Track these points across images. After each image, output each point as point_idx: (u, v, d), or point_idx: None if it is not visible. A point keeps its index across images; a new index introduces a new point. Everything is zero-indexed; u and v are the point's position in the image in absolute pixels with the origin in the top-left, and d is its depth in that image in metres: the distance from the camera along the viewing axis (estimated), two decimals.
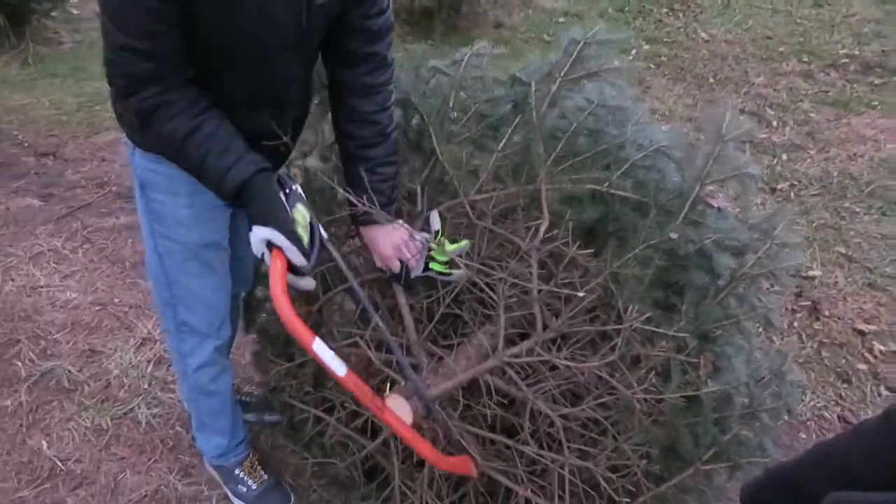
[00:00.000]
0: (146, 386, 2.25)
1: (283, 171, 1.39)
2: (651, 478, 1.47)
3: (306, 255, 1.18)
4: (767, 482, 1.58)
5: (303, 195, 1.27)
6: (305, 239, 1.19)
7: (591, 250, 1.42)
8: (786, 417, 1.59)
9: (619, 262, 1.38)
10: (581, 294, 1.37)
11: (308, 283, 1.23)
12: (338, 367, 1.16)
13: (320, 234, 1.26)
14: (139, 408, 2.16)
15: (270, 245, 1.17)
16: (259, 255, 1.19)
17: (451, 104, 1.50)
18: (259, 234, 1.16)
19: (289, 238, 1.16)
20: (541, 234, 1.40)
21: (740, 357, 1.54)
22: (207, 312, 1.56)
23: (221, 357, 1.66)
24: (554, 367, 1.41)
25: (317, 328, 1.57)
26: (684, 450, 1.46)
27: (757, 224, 1.58)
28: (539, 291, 1.37)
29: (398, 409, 1.28)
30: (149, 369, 2.31)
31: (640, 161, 1.52)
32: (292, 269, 1.18)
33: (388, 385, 1.41)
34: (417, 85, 1.59)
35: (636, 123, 1.58)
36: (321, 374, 1.61)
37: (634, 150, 1.53)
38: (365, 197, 1.38)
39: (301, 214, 1.21)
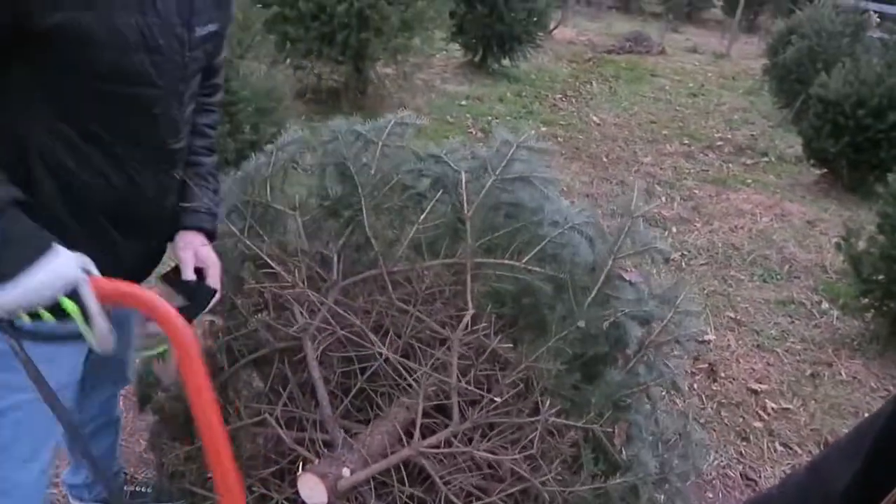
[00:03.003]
0: None
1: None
2: None
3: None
4: None
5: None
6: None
7: (511, 345, 1.44)
8: (693, 478, 1.62)
9: (533, 355, 1.41)
10: (495, 398, 1.38)
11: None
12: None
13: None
14: None
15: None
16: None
17: (372, 171, 1.51)
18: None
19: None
20: (464, 324, 1.42)
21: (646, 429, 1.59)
22: None
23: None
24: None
25: (220, 404, 1.48)
26: None
27: (660, 294, 1.66)
28: (458, 381, 1.37)
29: (311, 489, 1.22)
30: None
31: (556, 238, 1.58)
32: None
33: (301, 464, 1.34)
34: (356, 155, 1.57)
35: (551, 201, 1.65)
36: None
37: (551, 226, 1.59)
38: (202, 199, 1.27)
39: None
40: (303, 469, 1.30)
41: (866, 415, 2.68)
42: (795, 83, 6.15)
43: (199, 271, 1.26)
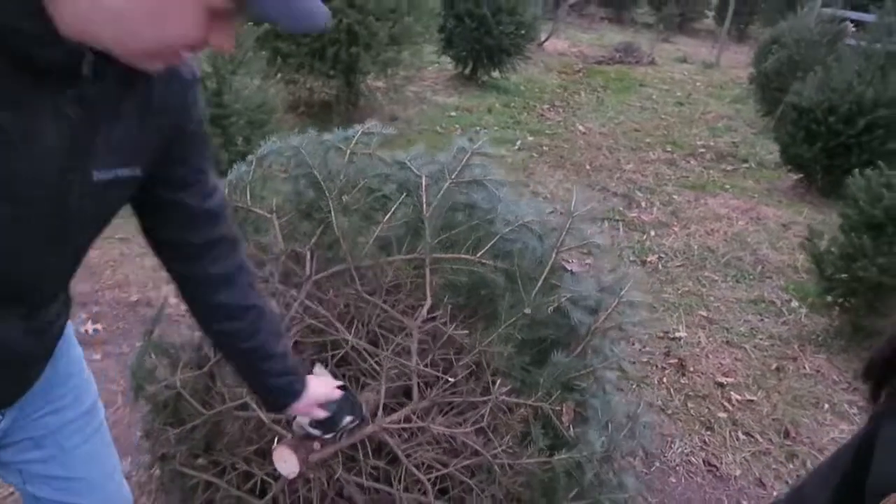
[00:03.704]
0: None
1: None
2: None
3: None
4: None
5: None
6: None
7: (466, 332, 1.60)
8: (641, 454, 1.76)
9: (486, 340, 1.56)
10: (450, 379, 1.54)
11: None
12: None
13: None
14: None
15: None
16: None
17: (341, 176, 1.67)
18: None
19: None
20: (423, 314, 1.57)
21: (599, 406, 1.74)
22: None
23: None
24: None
25: (207, 391, 1.63)
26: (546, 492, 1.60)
27: (608, 286, 1.81)
28: (417, 365, 1.53)
29: (285, 461, 1.36)
30: None
31: (507, 234, 1.74)
32: None
33: (276, 439, 1.49)
34: (322, 164, 1.74)
35: (505, 201, 1.81)
36: (213, 438, 1.66)
37: (503, 224, 1.75)
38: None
39: None
40: (277, 443, 1.45)
41: (826, 406, 2.83)
42: (776, 91, 6.32)
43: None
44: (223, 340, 1.13)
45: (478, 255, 1.64)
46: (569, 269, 1.69)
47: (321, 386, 1.22)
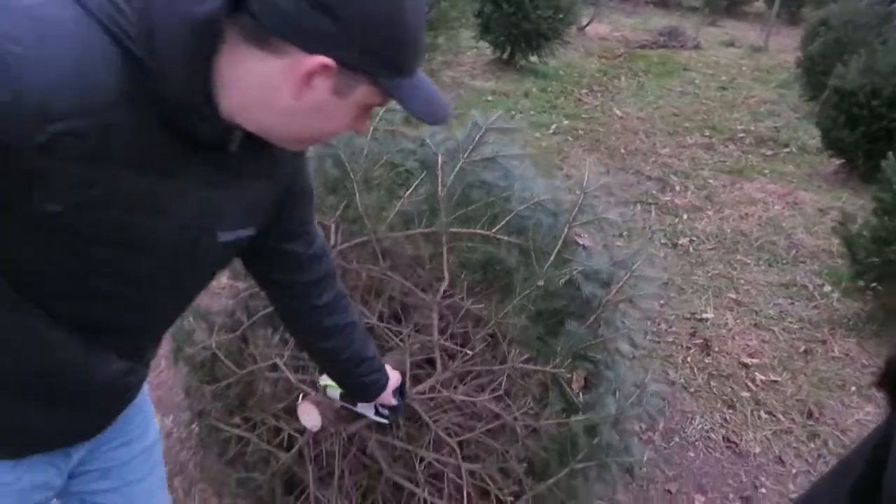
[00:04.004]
0: None
1: None
2: (532, 478, 1.69)
3: None
4: None
5: None
6: None
7: (482, 305, 1.69)
8: (660, 429, 1.83)
9: (501, 312, 1.65)
10: (468, 352, 1.63)
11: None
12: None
13: None
14: None
15: None
16: None
17: (364, 153, 1.77)
18: None
19: None
20: (441, 290, 1.67)
21: (612, 374, 1.81)
22: None
23: None
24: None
25: (240, 352, 1.76)
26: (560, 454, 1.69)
27: (620, 261, 1.88)
28: (439, 339, 1.63)
29: (308, 414, 1.47)
30: None
31: (522, 211, 1.82)
32: None
33: (302, 396, 1.61)
34: (347, 144, 1.84)
35: (521, 179, 1.88)
36: (245, 396, 1.79)
37: (518, 202, 1.83)
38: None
39: None
40: (302, 398, 1.57)
41: (853, 388, 2.82)
42: (821, 75, 6.17)
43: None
44: (323, 356, 1.21)
45: (493, 230, 1.73)
46: (581, 243, 1.76)
47: (393, 375, 1.32)
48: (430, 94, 0.77)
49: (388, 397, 1.32)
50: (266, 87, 0.71)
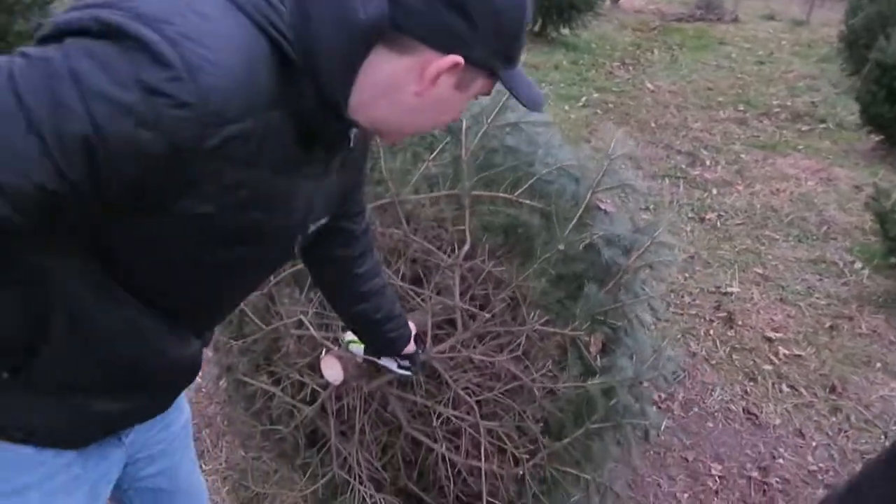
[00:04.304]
0: None
1: None
2: (548, 437, 1.72)
3: None
4: None
5: None
6: None
7: (503, 268, 1.71)
8: (663, 384, 1.85)
9: (522, 276, 1.67)
10: (486, 315, 1.66)
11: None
12: None
13: None
14: None
15: None
16: None
17: None
18: None
19: None
20: (463, 253, 1.70)
21: (631, 339, 1.83)
22: None
23: None
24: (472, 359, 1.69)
25: (267, 310, 1.82)
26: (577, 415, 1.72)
27: (643, 228, 1.88)
28: (461, 298, 1.66)
29: (331, 368, 1.52)
30: None
31: (545, 176, 1.83)
32: None
33: (325, 351, 1.66)
34: None
35: (546, 146, 1.89)
36: (271, 352, 1.85)
37: (542, 167, 1.84)
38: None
39: None
40: (325, 353, 1.62)
41: (878, 365, 2.79)
42: (864, 49, 5.98)
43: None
44: (358, 318, 1.24)
45: (515, 194, 1.74)
46: (603, 208, 1.77)
47: (411, 326, 1.38)
48: (530, 82, 0.78)
49: (409, 349, 1.37)
50: (391, 85, 0.71)
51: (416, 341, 1.39)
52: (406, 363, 1.40)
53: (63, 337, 0.77)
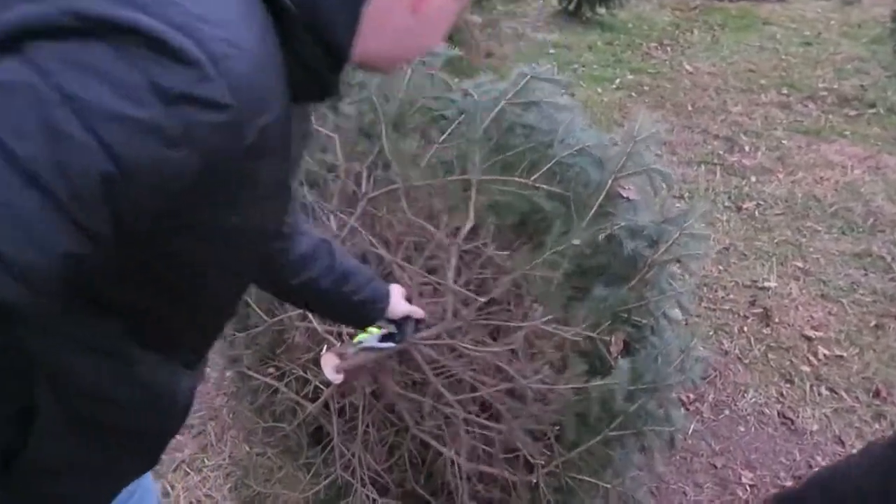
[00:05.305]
0: None
1: None
2: (565, 444, 1.61)
3: None
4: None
5: None
6: None
7: (507, 253, 1.59)
8: (690, 387, 1.72)
9: (528, 264, 1.55)
10: (481, 300, 1.54)
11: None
12: None
13: None
14: None
15: None
16: None
17: (399, 95, 1.67)
18: None
19: None
20: (463, 232, 1.58)
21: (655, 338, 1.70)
22: None
23: None
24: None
25: (271, 301, 1.73)
26: (593, 420, 1.60)
27: (671, 218, 1.74)
28: (455, 282, 1.54)
29: (331, 366, 1.44)
30: None
31: (564, 158, 1.70)
32: None
33: (326, 347, 1.57)
34: (380, 85, 1.75)
35: (567, 126, 1.76)
36: (275, 345, 1.77)
37: (562, 148, 1.71)
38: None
39: None
40: (326, 350, 1.53)
41: None
42: None
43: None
44: (306, 290, 1.04)
45: (532, 178, 1.62)
46: (625, 195, 1.64)
47: (395, 287, 1.23)
48: None
49: (402, 307, 1.22)
50: (382, 8, 0.61)
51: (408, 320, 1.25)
52: (392, 328, 1.26)
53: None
